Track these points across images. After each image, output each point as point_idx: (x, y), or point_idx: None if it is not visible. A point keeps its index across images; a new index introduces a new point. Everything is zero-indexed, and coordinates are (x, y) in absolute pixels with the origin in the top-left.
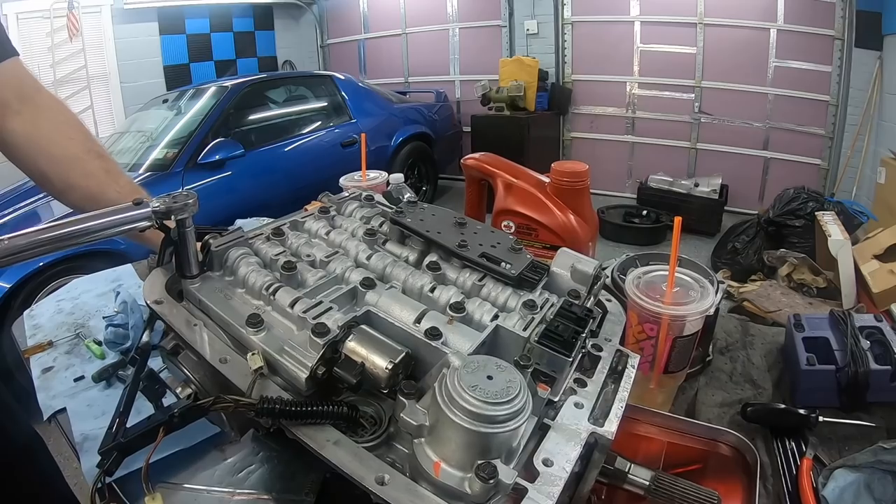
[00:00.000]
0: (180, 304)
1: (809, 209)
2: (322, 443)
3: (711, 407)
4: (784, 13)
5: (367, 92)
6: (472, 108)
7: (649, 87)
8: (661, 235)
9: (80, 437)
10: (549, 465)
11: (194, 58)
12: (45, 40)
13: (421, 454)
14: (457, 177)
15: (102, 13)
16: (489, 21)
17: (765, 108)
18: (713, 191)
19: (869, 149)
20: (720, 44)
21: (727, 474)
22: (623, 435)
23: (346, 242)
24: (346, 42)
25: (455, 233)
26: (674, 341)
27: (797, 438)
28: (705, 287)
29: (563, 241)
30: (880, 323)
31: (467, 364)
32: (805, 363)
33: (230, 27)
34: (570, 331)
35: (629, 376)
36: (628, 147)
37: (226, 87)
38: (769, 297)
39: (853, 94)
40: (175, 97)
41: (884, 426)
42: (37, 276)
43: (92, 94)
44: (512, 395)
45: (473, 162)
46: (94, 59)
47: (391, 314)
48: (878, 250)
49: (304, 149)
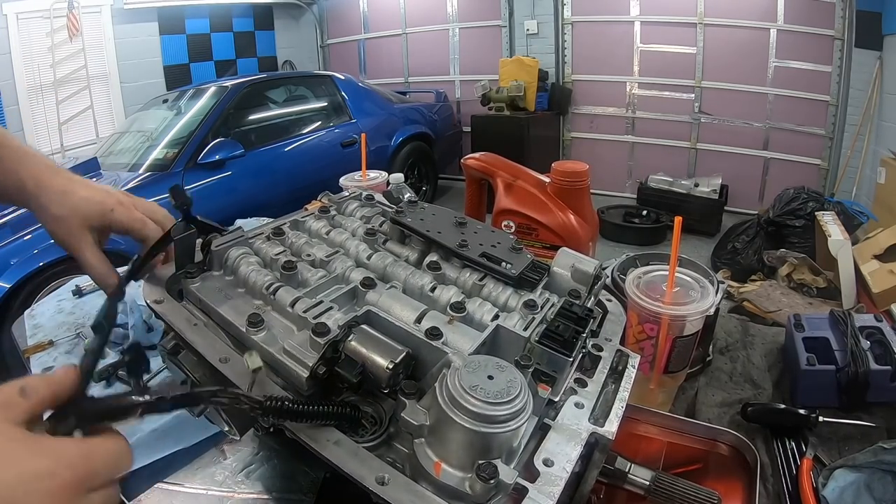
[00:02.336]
0: (180, 303)
1: (809, 209)
2: (322, 442)
3: (711, 407)
4: (784, 13)
5: (367, 92)
6: (472, 108)
7: (649, 87)
8: (661, 235)
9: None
10: (550, 465)
11: (194, 58)
12: (45, 40)
13: (421, 454)
14: (457, 177)
15: (102, 13)
16: (489, 21)
17: (765, 108)
18: (713, 191)
19: (869, 149)
20: (720, 44)
21: (727, 474)
22: (623, 435)
23: (346, 242)
24: (346, 42)
25: (455, 232)
26: (674, 341)
27: (797, 438)
28: (705, 287)
29: (563, 241)
30: (880, 323)
31: (468, 364)
32: (805, 363)
33: (230, 27)
34: (571, 331)
35: (629, 376)
36: (628, 147)
37: (226, 87)
38: (769, 297)
39: (853, 94)
40: (175, 97)
41: (884, 426)
42: (37, 276)
43: (92, 94)
44: (513, 394)
45: (474, 162)
46: (94, 59)
47: (392, 314)
48: (878, 250)
49: (304, 149)
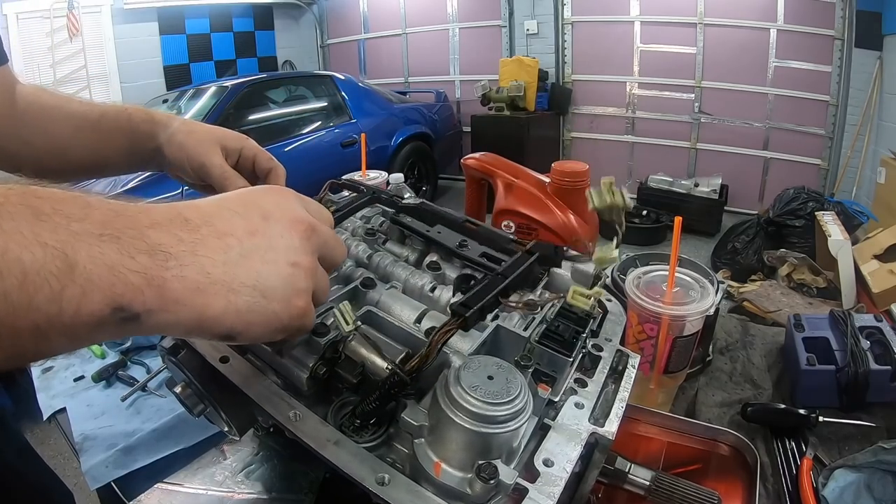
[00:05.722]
0: None
1: (809, 209)
2: (322, 442)
3: (711, 407)
4: (784, 13)
5: (367, 92)
6: (472, 108)
7: (649, 87)
8: (661, 235)
9: (79, 437)
10: (550, 466)
11: (194, 58)
12: (45, 40)
13: (421, 454)
14: (457, 177)
15: (102, 13)
16: (489, 21)
17: (765, 108)
18: (713, 191)
19: (869, 149)
20: (720, 44)
21: (727, 474)
22: (623, 435)
23: (346, 242)
24: (346, 42)
25: (456, 233)
26: (674, 341)
27: (797, 438)
28: (705, 287)
29: (563, 241)
30: (880, 323)
31: (468, 364)
32: (805, 363)
33: (230, 27)
34: (571, 331)
35: (630, 376)
36: (628, 147)
37: (226, 87)
38: (769, 297)
39: (853, 94)
40: (175, 97)
41: (884, 426)
42: None
43: (92, 94)
44: (513, 394)
45: (474, 162)
46: (94, 59)
47: (392, 314)
48: (878, 250)
49: (304, 149)
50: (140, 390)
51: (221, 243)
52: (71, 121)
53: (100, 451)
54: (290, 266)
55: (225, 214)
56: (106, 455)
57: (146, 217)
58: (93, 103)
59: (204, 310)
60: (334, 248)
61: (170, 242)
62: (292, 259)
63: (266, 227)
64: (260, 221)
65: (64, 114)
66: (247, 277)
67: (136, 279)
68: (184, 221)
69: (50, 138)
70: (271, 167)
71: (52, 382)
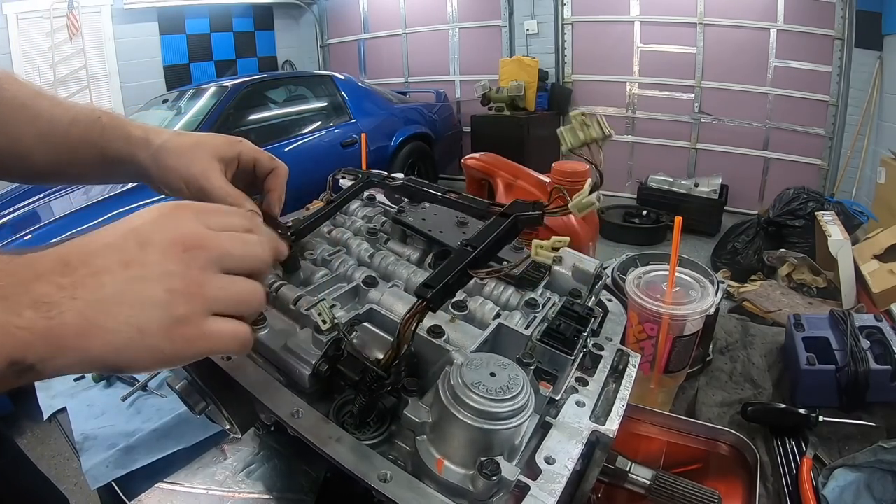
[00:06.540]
0: None
1: (809, 209)
2: (324, 439)
3: (711, 407)
4: (784, 13)
5: (367, 92)
6: (472, 108)
7: (649, 87)
8: (661, 235)
9: (80, 437)
10: (551, 463)
11: (194, 58)
12: (45, 40)
13: (424, 451)
14: (457, 177)
15: (102, 13)
16: (489, 21)
17: (765, 108)
18: (713, 191)
19: (869, 149)
20: (720, 44)
21: (727, 474)
22: (624, 434)
23: (348, 241)
24: (346, 42)
25: (457, 232)
26: (674, 341)
27: (797, 438)
28: (705, 287)
29: None
30: (880, 323)
31: (470, 361)
32: (805, 363)
33: (230, 27)
34: (572, 329)
35: (630, 375)
36: (628, 147)
37: (226, 87)
38: (769, 297)
39: (853, 94)
40: (175, 97)
41: (884, 426)
42: None
43: (92, 94)
44: (515, 391)
45: (474, 162)
46: (94, 59)
47: (394, 312)
48: (878, 250)
49: (304, 149)
50: (140, 390)
51: (96, 282)
52: (36, 123)
53: (100, 451)
54: (167, 293)
55: (101, 251)
56: (106, 455)
57: (30, 271)
58: (64, 104)
59: (87, 352)
60: (242, 255)
61: (50, 292)
62: (167, 286)
63: (142, 255)
64: (136, 251)
65: (29, 115)
66: (119, 314)
67: (25, 335)
68: (63, 266)
69: (10, 140)
70: (273, 167)
71: (52, 382)
